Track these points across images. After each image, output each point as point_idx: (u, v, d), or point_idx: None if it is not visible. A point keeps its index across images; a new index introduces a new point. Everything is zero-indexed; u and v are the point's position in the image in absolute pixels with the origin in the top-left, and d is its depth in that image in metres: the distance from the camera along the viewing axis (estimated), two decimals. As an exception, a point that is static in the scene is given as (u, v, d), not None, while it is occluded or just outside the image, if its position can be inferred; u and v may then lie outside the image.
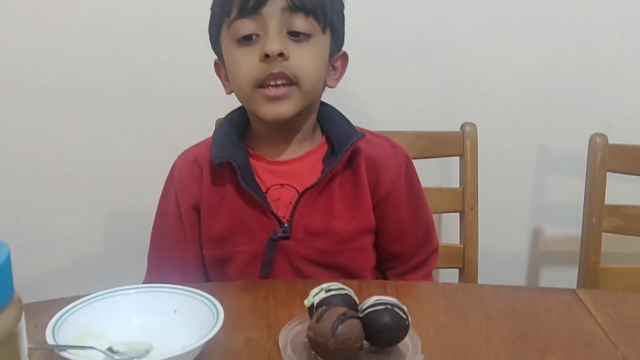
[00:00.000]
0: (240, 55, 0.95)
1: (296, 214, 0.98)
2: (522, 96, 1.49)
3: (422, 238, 1.08)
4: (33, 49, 1.47)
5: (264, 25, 0.93)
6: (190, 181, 1.03)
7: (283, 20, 0.93)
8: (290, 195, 1.00)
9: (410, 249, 1.07)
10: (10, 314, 0.43)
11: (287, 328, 0.76)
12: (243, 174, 0.97)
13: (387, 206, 1.03)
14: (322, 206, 0.99)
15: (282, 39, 0.93)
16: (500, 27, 1.45)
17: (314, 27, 0.95)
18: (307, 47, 0.95)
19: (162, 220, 1.06)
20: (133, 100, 1.50)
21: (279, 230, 0.98)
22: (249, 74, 0.94)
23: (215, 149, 0.99)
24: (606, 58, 1.46)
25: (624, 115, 1.48)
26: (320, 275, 0.99)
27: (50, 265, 1.61)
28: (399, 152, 1.07)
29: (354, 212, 1.01)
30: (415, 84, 1.49)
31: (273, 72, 0.92)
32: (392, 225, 1.05)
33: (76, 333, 0.72)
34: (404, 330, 0.72)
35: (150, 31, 1.46)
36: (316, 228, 0.99)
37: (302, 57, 0.94)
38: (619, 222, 1.31)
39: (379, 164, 1.02)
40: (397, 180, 1.04)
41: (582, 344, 0.76)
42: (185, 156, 1.07)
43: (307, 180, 0.99)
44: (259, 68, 0.93)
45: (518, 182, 1.55)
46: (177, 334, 0.76)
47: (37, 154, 1.54)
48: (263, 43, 0.92)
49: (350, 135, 0.99)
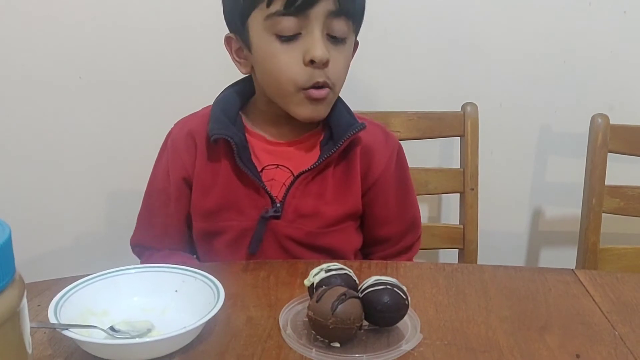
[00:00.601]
0: (282, 53, 0.93)
1: (289, 196, 0.99)
2: (523, 76, 1.49)
3: (408, 225, 1.09)
4: (32, 39, 1.47)
5: (308, 26, 0.91)
6: (184, 153, 1.03)
7: (326, 23, 0.91)
8: (285, 176, 1.01)
9: (396, 235, 1.08)
10: (11, 294, 0.43)
11: (288, 307, 0.77)
12: (240, 152, 0.97)
13: (376, 192, 1.05)
14: (314, 190, 1.00)
15: (326, 43, 0.92)
16: (501, 7, 1.44)
17: (350, 30, 0.95)
18: (342, 51, 0.95)
19: (151, 186, 1.08)
20: (134, 79, 1.50)
21: (271, 210, 0.99)
22: (293, 76, 0.93)
23: (213, 124, 0.98)
24: (608, 38, 1.45)
25: (626, 96, 1.48)
26: (306, 256, 1.01)
27: (53, 245, 1.62)
28: (392, 141, 1.08)
29: (343, 197, 1.02)
30: (416, 65, 1.48)
31: (319, 80, 0.93)
32: (380, 211, 1.06)
33: (78, 312, 0.73)
34: (404, 310, 0.72)
35: (152, 19, 1.45)
36: (306, 210, 1.00)
37: (339, 63, 0.95)
38: (619, 203, 1.31)
39: (372, 151, 1.04)
40: (388, 168, 1.05)
41: (580, 324, 0.77)
42: (181, 126, 1.06)
43: (302, 164, 1.00)
44: (304, 72, 0.92)
45: (519, 162, 1.55)
46: (178, 313, 0.76)
47: (39, 135, 1.54)
48: (308, 46, 0.91)
49: (351, 125, 1.00)
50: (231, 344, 0.71)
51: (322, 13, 0.90)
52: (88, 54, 1.48)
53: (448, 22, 1.45)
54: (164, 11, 1.45)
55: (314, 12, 0.90)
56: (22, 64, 1.49)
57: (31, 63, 1.49)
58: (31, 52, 1.48)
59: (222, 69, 1.04)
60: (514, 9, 1.44)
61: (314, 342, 0.70)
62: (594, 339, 0.73)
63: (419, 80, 1.49)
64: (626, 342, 0.73)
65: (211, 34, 1.06)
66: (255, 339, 0.72)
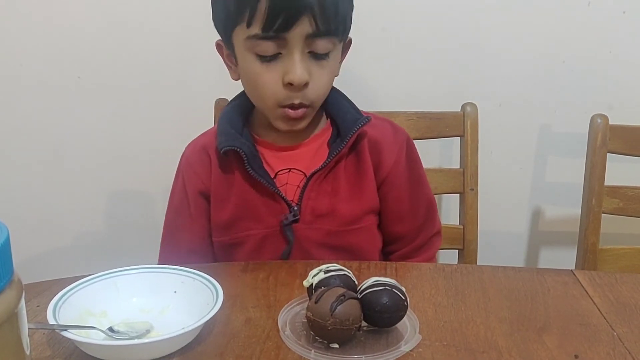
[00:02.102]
0: (263, 72, 0.94)
1: (304, 197, 1.00)
2: (522, 76, 1.48)
3: (423, 219, 1.08)
4: (31, 40, 1.47)
5: (287, 47, 0.91)
6: (199, 168, 1.04)
7: (306, 42, 0.91)
8: (298, 179, 1.01)
9: (412, 231, 1.08)
10: (10, 295, 0.43)
11: (287, 308, 0.77)
12: (250, 161, 0.98)
13: (389, 187, 1.04)
14: (328, 189, 1.01)
15: (305, 63, 0.92)
16: (501, 7, 1.44)
17: (334, 43, 0.95)
18: (325, 66, 0.95)
19: (170, 208, 1.08)
20: (132, 79, 1.50)
21: (289, 215, 0.99)
22: (271, 94, 0.95)
23: (221, 138, 1.00)
24: (608, 38, 1.45)
25: (625, 96, 1.48)
26: (328, 257, 1.00)
27: (52, 244, 1.62)
28: (400, 134, 1.08)
29: (358, 193, 1.02)
30: (415, 65, 1.48)
31: (295, 102, 0.94)
32: (393, 206, 1.06)
33: (77, 313, 0.73)
34: (403, 311, 0.72)
35: (151, 20, 1.45)
36: (322, 210, 1.00)
37: (321, 80, 0.95)
38: (619, 203, 1.31)
39: (381, 145, 1.03)
40: (398, 161, 1.04)
41: (579, 325, 0.77)
42: (193, 145, 1.08)
43: (313, 164, 1.00)
44: (282, 92, 0.94)
45: (518, 163, 1.55)
46: (177, 314, 0.76)
47: (38, 135, 1.54)
48: (287, 67, 0.92)
49: (356, 120, 1.00)
50: (230, 345, 0.71)
51: (300, 35, 0.90)
52: (87, 55, 1.48)
53: (447, 22, 1.45)
54: (163, 12, 1.45)
55: (292, 35, 0.90)
56: (21, 64, 1.49)
57: (30, 63, 1.49)
58: (30, 52, 1.48)
59: (222, 71, 1.04)
60: (514, 9, 1.44)
61: (313, 343, 0.70)
62: (593, 340, 0.73)
63: (419, 80, 1.49)
64: (624, 343, 0.73)
65: (210, 36, 1.06)
66: (254, 339, 0.72)
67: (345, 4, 0.94)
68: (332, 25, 0.91)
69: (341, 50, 1.00)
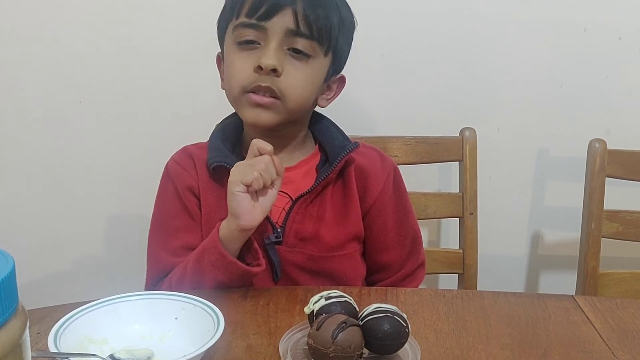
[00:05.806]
0: (238, 59, 0.97)
1: (289, 220, 1.00)
2: (521, 101, 1.50)
3: (408, 249, 1.08)
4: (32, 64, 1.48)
5: (266, 38, 0.95)
6: (186, 166, 1.04)
7: (285, 38, 0.95)
8: (284, 201, 1.01)
9: (397, 261, 1.08)
10: (14, 326, 0.43)
11: (288, 335, 0.77)
12: None
13: (375, 215, 1.05)
14: (313, 213, 1.01)
15: (280, 54, 0.95)
16: (499, 33, 1.46)
17: (316, 50, 0.97)
18: (303, 67, 0.97)
19: (157, 216, 1.06)
20: (133, 104, 1.51)
21: (272, 235, 0.99)
22: (240, 79, 0.97)
23: (212, 153, 1.01)
24: (605, 63, 1.47)
25: (623, 120, 1.49)
26: (309, 282, 1.00)
27: (52, 270, 1.61)
28: (387, 163, 1.09)
29: (343, 220, 1.03)
30: (414, 89, 1.49)
31: (261, 84, 0.95)
32: (379, 235, 1.06)
33: (78, 340, 0.73)
34: (404, 338, 0.72)
35: (152, 44, 1.47)
36: (306, 234, 1.00)
37: (295, 76, 0.96)
38: (618, 228, 1.31)
39: (367, 173, 1.04)
40: (385, 190, 1.05)
41: (580, 351, 0.77)
42: (179, 152, 1.08)
43: (300, 188, 1.01)
44: (250, 76, 0.96)
45: (517, 187, 1.56)
46: (178, 341, 0.76)
47: (38, 159, 1.54)
48: (260, 54, 0.95)
49: (344, 146, 1.01)
50: (231, 373, 0.71)
51: (280, 28, 0.94)
52: (88, 80, 1.49)
53: (446, 47, 1.47)
54: (165, 38, 1.46)
55: (272, 25, 0.94)
56: (22, 89, 1.50)
57: (31, 88, 1.49)
58: (31, 77, 1.49)
59: (222, 97, 1.04)
60: (512, 34, 1.46)
61: (315, 370, 0.70)
62: (595, 367, 0.73)
63: (417, 105, 1.50)
64: (627, 370, 0.73)
65: (210, 60, 1.07)
66: (255, 367, 0.72)
67: (332, 14, 0.97)
68: (313, 26, 0.94)
69: (327, 70, 1.00)
